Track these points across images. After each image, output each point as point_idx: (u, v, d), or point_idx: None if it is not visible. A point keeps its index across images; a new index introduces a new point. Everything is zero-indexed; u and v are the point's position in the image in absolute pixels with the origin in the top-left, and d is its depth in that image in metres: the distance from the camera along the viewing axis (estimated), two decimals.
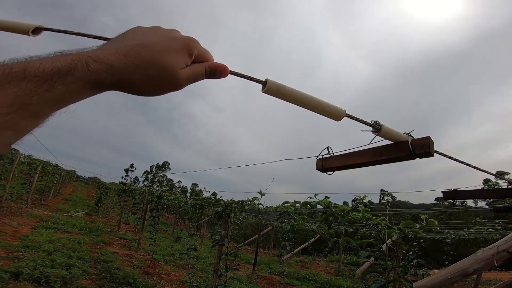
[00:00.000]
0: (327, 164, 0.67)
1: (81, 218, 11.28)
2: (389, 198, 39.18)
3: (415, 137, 0.57)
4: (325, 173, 0.68)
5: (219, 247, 4.12)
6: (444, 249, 10.82)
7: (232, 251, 4.33)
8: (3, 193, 8.75)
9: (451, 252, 10.65)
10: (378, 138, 0.56)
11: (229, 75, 0.47)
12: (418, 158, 0.54)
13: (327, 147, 0.67)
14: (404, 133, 0.56)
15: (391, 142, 0.56)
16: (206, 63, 0.45)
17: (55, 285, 4.15)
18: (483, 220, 8.86)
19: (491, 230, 8.95)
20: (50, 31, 0.55)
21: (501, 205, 1.38)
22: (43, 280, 4.15)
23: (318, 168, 0.69)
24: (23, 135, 0.33)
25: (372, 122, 0.54)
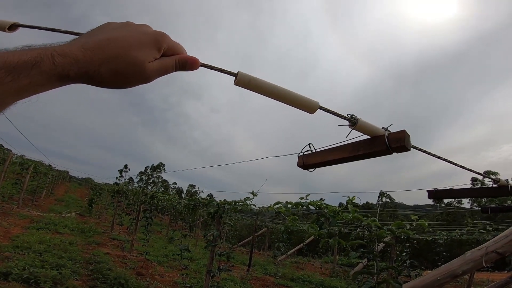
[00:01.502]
0: (308, 161, 0.67)
1: (74, 218, 11.14)
2: (387, 199, 39.40)
3: (404, 129, 0.56)
4: (307, 170, 0.68)
5: (212, 248, 4.09)
6: (437, 250, 10.91)
7: (225, 252, 4.30)
8: None
9: (444, 253, 10.74)
10: (358, 133, 0.56)
11: (200, 67, 0.47)
12: (395, 153, 0.54)
13: (309, 144, 0.67)
14: (382, 127, 0.56)
15: (369, 137, 0.56)
16: (176, 56, 0.45)
17: (44, 285, 4.09)
18: (474, 221, 8.95)
19: (483, 231, 9.05)
20: (25, 27, 0.55)
21: (489, 206, 1.39)
22: (32, 281, 4.10)
23: (299, 165, 0.69)
24: None
25: (348, 115, 0.53)
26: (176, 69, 0.45)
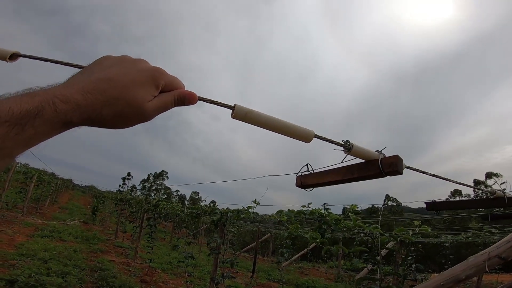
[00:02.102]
0: (306, 181, 0.69)
1: (78, 226, 11.18)
2: (393, 203, 39.07)
3: (397, 154, 0.59)
4: (305, 190, 0.70)
5: (215, 255, 4.10)
6: (444, 253, 10.79)
7: (228, 259, 4.31)
8: None
9: (451, 256, 10.62)
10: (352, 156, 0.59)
11: (198, 101, 0.48)
12: (388, 176, 0.56)
13: (307, 164, 0.70)
14: (376, 151, 0.59)
15: (363, 160, 0.59)
16: (174, 92, 0.45)
17: None
18: (480, 224, 8.87)
19: (488, 234, 8.95)
20: (27, 57, 0.56)
21: (489, 213, 1.41)
22: None
23: (297, 185, 0.71)
24: None
25: (343, 141, 0.56)
26: (175, 104, 0.45)
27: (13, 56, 0.56)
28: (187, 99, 0.46)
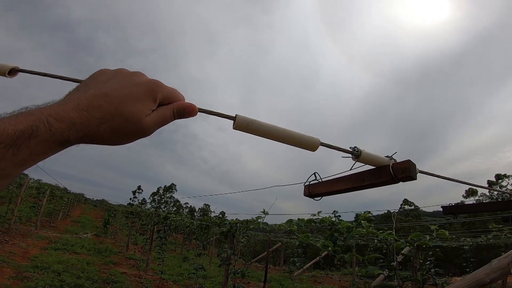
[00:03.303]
0: (314, 190, 0.67)
1: (90, 239, 11.28)
2: (411, 207, 38.24)
3: (409, 159, 0.55)
4: (313, 199, 0.68)
5: (226, 266, 4.04)
6: (464, 256, 10.42)
7: (239, 269, 4.24)
8: (11, 216, 8.86)
9: (472, 259, 10.25)
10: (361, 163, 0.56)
11: (198, 113, 0.46)
12: (401, 182, 0.53)
13: (314, 173, 0.67)
14: (386, 156, 0.56)
15: (374, 167, 0.56)
16: (172, 105, 0.43)
17: None
18: (500, 226, 8.55)
19: (510, 235, 8.63)
20: (26, 72, 0.56)
21: (510, 215, 1.34)
22: None
23: (305, 194, 0.69)
24: None
25: (351, 148, 0.53)
26: (174, 118, 0.44)
27: (12, 71, 0.56)
28: (187, 111, 0.44)
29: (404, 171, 0.51)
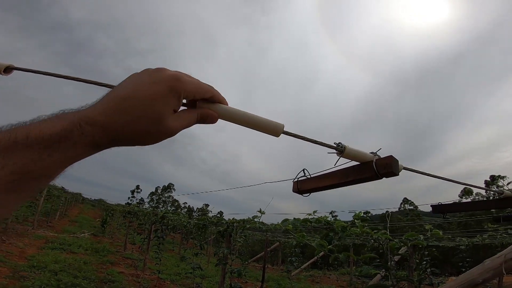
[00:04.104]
0: (302, 187, 0.68)
1: (87, 239, 11.25)
2: (411, 207, 38.43)
3: (391, 155, 0.57)
4: (302, 195, 0.69)
5: (223, 265, 4.05)
6: (461, 256, 10.47)
7: (236, 269, 4.25)
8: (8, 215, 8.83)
9: (468, 259, 10.31)
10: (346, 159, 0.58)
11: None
12: (384, 178, 0.55)
13: (303, 170, 0.68)
14: (371, 152, 0.57)
15: (358, 163, 0.57)
16: (199, 110, 0.45)
17: None
18: (495, 226, 8.61)
19: (505, 235, 8.68)
20: (21, 70, 0.57)
21: (501, 214, 1.36)
22: None
23: (294, 191, 0.70)
24: (28, 196, 0.35)
25: (335, 144, 0.55)
26: (197, 122, 0.45)
27: (8, 69, 0.57)
28: (209, 119, 0.46)
29: (386, 167, 0.52)
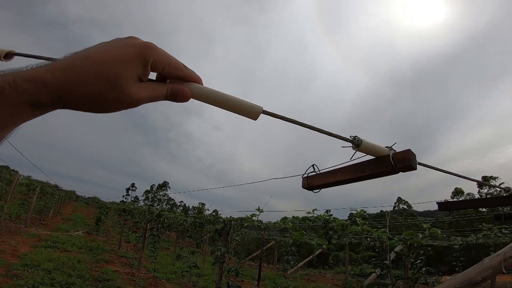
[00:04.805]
0: (313, 182, 0.65)
1: (81, 237, 11.14)
2: (405, 206, 38.92)
3: (409, 148, 0.55)
4: (312, 192, 0.67)
5: (220, 264, 4.03)
6: (454, 255, 10.60)
7: (233, 268, 4.23)
8: (1, 213, 8.70)
9: (461, 258, 10.44)
10: (361, 153, 0.55)
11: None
12: (401, 172, 0.53)
13: (313, 165, 0.66)
14: (386, 146, 0.55)
15: (373, 157, 0.55)
16: (169, 85, 0.40)
17: None
18: (489, 225, 8.71)
19: (500, 234, 8.79)
20: (21, 56, 0.55)
21: (503, 212, 1.35)
22: None
23: (304, 187, 0.67)
24: None
25: (351, 137, 0.52)
26: (166, 98, 0.40)
27: (8, 55, 0.56)
28: (180, 96, 0.41)
29: (404, 161, 0.50)
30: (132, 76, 0.36)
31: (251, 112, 0.46)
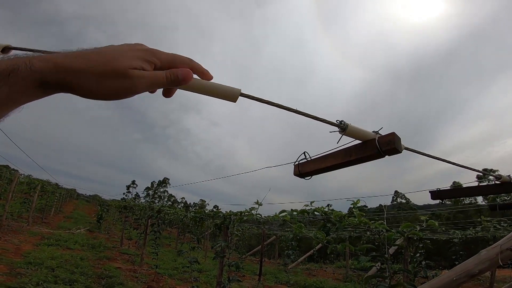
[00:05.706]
0: (304, 169, 0.66)
1: (83, 234, 11.20)
2: (403, 200, 38.92)
3: (393, 132, 0.56)
4: (303, 179, 0.68)
5: (220, 259, 4.06)
6: (453, 249, 10.65)
7: (234, 262, 4.26)
8: (3, 212, 8.75)
9: (461, 252, 10.48)
10: (350, 138, 0.56)
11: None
12: (387, 156, 0.54)
13: (304, 152, 0.67)
14: (372, 131, 0.56)
15: (361, 142, 0.56)
16: (168, 70, 0.42)
17: None
18: (488, 218, 8.73)
19: (499, 227, 8.81)
20: (19, 49, 0.55)
21: (497, 203, 1.37)
22: None
23: (295, 174, 0.68)
24: None
25: (337, 121, 0.53)
26: (168, 82, 0.42)
27: (6, 49, 0.57)
28: (181, 76, 0.42)
29: (389, 143, 0.52)
30: (132, 64, 0.39)
31: (230, 95, 0.48)
